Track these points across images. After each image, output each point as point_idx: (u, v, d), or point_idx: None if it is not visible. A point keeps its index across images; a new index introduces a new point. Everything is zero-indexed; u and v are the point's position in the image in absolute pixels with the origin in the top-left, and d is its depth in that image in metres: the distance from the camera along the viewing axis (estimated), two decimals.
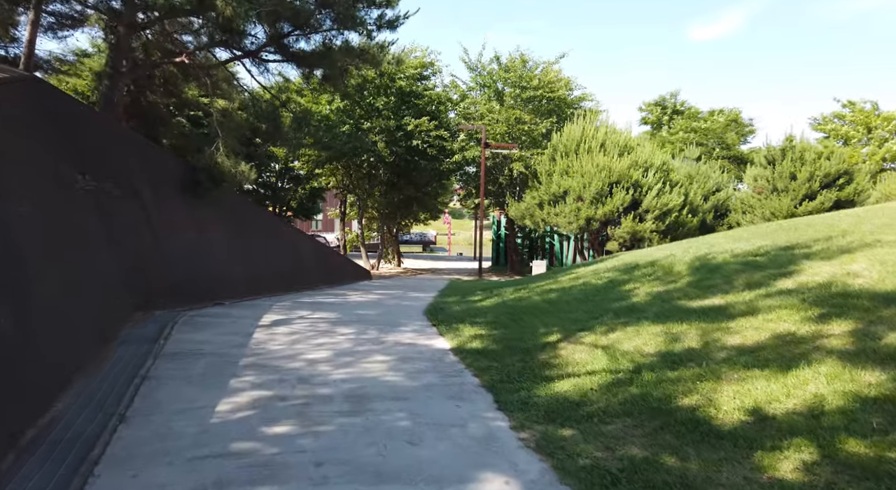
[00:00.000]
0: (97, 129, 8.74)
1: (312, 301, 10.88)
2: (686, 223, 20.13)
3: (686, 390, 4.14)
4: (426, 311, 9.14)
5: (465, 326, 7.53)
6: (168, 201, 10.09)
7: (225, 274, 11.20)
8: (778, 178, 21.21)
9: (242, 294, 11.41)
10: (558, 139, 22.19)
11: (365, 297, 11.97)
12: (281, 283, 13.32)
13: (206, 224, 11.12)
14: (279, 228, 14.51)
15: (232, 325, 7.67)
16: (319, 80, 14.05)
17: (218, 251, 11.22)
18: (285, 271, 13.82)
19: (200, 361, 5.76)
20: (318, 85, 14.08)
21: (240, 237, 12.21)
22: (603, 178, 19.70)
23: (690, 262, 7.88)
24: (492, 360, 5.83)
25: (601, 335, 5.87)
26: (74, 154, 7.53)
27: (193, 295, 9.88)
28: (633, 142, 21.14)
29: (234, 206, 12.30)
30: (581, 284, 9.00)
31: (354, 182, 28.55)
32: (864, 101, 42.10)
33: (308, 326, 7.78)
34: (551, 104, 24.56)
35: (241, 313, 8.78)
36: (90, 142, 8.20)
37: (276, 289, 12.90)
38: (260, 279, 12.44)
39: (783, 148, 21.61)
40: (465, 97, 24.92)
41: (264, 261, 12.99)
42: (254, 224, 12.93)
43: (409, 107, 24.73)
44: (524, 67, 23.98)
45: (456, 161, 23.88)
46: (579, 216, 19.85)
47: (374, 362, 5.93)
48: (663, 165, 20.84)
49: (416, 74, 24.21)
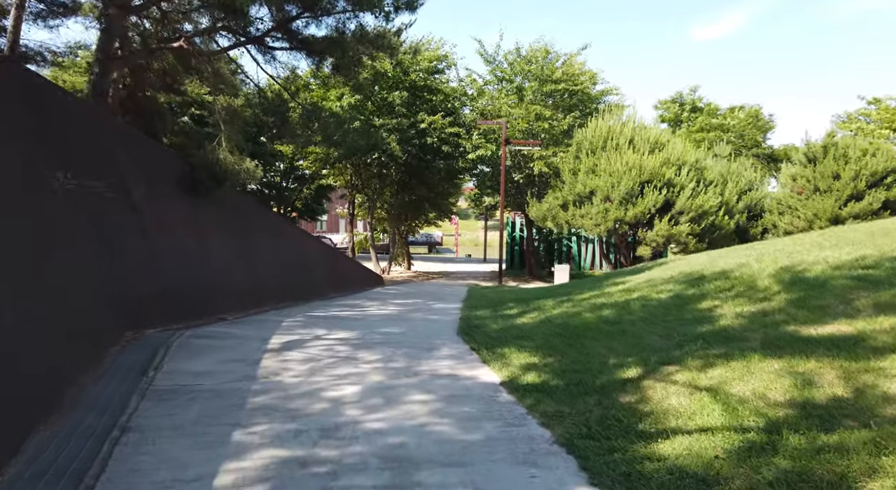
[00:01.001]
0: (84, 121, 7.69)
1: (327, 315, 9.79)
2: (723, 226, 18.97)
3: (866, 468, 3.01)
4: (460, 330, 8.03)
5: (512, 351, 6.42)
6: (165, 202, 9.03)
7: (228, 284, 10.13)
8: (820, 177, 20.00)
9: (247, 306, 10.34)
10: (583, 135, 21.06)
11: (384, 310, 10.87)
12: (290, 292, 12.25)
13: (207, 228, 10.06)
14: (287, 232, 13.45)
15: (236, 349, 6.58)
16: (330, 71, 12.98)
17: (220, 259, 10.16)
18: (294, 280, 12.76)
19: (197, 403, 4.68)
20: (329, 76, 13.03)
21: (244, 243, 11.15)
22: (633, 177, 18.56)
23: (777, 275, 6.74)
24: (559, 403, 4.71)
25: (697, 371, 4.74)
26: (56, 149, 6.47)
27: (192, 309, 8.81)
28: (662, 138, 19.98)
29: (238, 208, 11.25)
30: (639, 299, 7.87)
31: (364, 181, 27.51)
32: (889, 98, 40.77)
33: (325, 350, 6.68)
34: (574, 98, 23.42)
35: (247, 332, 7.70)
36: (76, 135, 7.14)
37: (284, 299, 11.83)
38: (266, 289, 11.37)
39: (825, 145, 20.40)
40: (483, 92, 23.80)
41: (271, 268, 11.92)
42: (259, 228, 11.87)
43: (422, 102, 23.68)
44: (546, 59, 22.85)
45: (472, 159, 22.76)
46: (607, 218, 18.71)
47: (412, 402, 4.83)
48: (696, 163, 19.66)
49: (431, 67, 23.14)
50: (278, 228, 13.06)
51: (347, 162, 24.86)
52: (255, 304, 10.66)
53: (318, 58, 12.65)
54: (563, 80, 22.26)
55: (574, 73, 22.55)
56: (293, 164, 28.13)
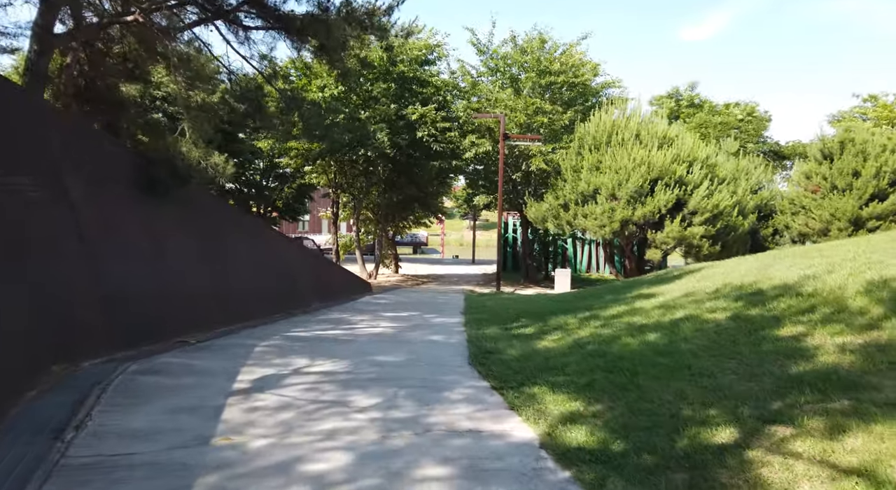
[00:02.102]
0: (13, 108, 6.27)
1: (309, 335, 8.40)
2: (738, 227, 17.86)
3: None
4: (471, 358, 6.70)
5: (545, 391, 5.11)
6: (116, 203, 7.62)
7: (192, 299, 8.71)
8: (837, 174, 18.99)
9: (216, 324, 8.93)
10: (585, 130, 19.87)
11: (376, 327, 9.50)
12: (268, 305, 10.85)
13: (168, 234, 8.63)
14: (265, 237, 12.04)
15: (192, 391, 5.20)
16: (313, 54, 11.58)
17: (184, 269, 8.73)
18: (273, 291, 11.35)
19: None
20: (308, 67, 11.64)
21: (214, 250, 9.72)
22: (642, 174, 17.39)
23: (870, 291, 5.51)
24: (634, 482, 3.40)
25: (824, 438, 3.47)
26: None
27: (146, 332, 7.39)
28: (671, 132, 18.84)
29: (207, 210, 9.83)
30: (687, 319, 6.60)
31: (349, 180, 26.09)
32: (885, 94, 40.24)
33: (307, 390, 5.32)
34: (573, 91, 22.19)
35: (210, 364, 6.30)
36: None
37: (259, 313, 10.42)
38: (240, 303, 9.96)
39: (841, 140, 19.40)
40: (476, 85, 22.48)
41: (246, 279, 10.51)
42: (232, 232, 10.45)
43: (412, 94, 22.30)
44: (542, 49, 21.58)
45: (467, 159, 21.42)
46: (613, 218, 17.50)
47: (425, 481, 3.50)
48: (707, 159, 18.55)
49: (420, 57, 21.77)
50: (255, 233, 11.65)
51: (331, 159, 23.42)
52: (225, 321, 9.25)
53: (299, 39, 11.23)
54: (562, 72, 21.02)
55: (574, 64, 21.32)
56: (273, 162, 26.64)
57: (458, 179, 31.92)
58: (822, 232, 18.98)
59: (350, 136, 13.14)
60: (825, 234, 18.91)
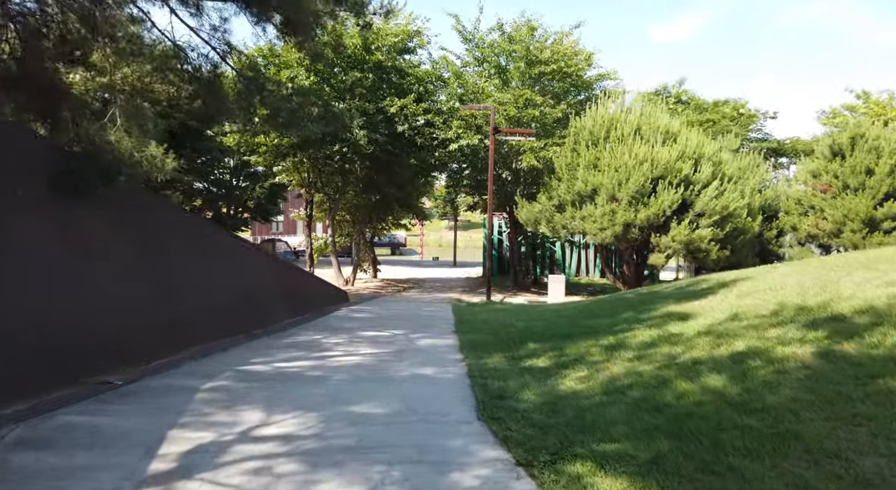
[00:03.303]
0: None
1: (269, 370, 6.81)
2: (748, 230, 16.67)
3: None
4: (480, 408, 5.19)
5: (593, 471, 3.66)
6: (18, 208, 5.97)
7: (123, 323, 7.07)
8: (849, 173, 17.92)
9: (155, 353, 7.31)
10: (581, 125, 18.53)
11: (353, 355, 7.93)
12: (222, 325, 9.21)
13: (91, 243, 6.98)
14: (221, 242, 10.38)
15: (84, 482, 3.61)
16: (279, 31, 9.97)
17: (111, 286, 7.08)
18: (229, 307, 9.70)
19: None
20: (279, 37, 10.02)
21: (153, 260, 8.07)
22: (644, 173, 16.09)
23: None
24: None
25: None
26: None
27: (56, 371, 5.77)
28: (673, 126, 17.60)
29: (145, 212, 8.17)
30: (752, 353, 5.20)
31: (323, 179, 24.41)
32: (880, 92, 39.79)
33: (256, 475, 3.77)
34: (565, 83, 20.84)
35: (127, 423, 4.71)
36: None
37: (213, 336, 8.80)
38: (187, 324, 8.32)
39: (852, 136, 18.35)
40: (461, 76, 20.99)
41: (196, 294, 8.86)
42: (179, 238, 8.80)
43: (389, 86, 20.74)
44: (532, 38, 20.18)
45: (452, 151, 19.90)
46: (615, 221, 16.17)
47: None
48: (713, 157, 17.34)
49: (399, 45, 20.21)
50: (208, 239, 9.98)
51: (303, 156, 21.74)
52: (167, 350, 7.63)
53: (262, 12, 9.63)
54: (553, 61, 19.61)
55: (566, 53, 19.96)
56: (244, 160, 24.88)
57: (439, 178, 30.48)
58: (833, 234, 17.92)
59: (322, 125, 11.69)
60: (837, 236, 17.86)
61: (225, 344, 8.63)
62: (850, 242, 17.45)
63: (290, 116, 8.79)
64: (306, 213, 26.73)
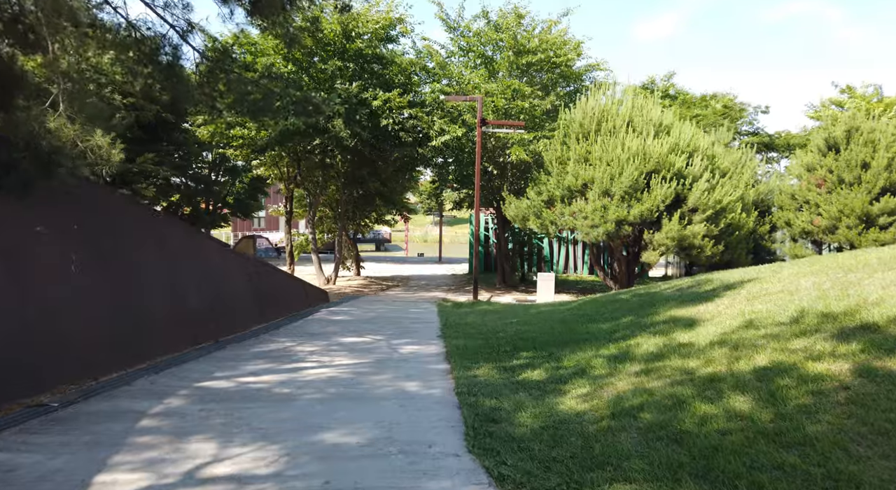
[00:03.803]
0: None
1: (231, 386, 6.09)
2: (742, 225, 16.18)
3: None
4: (466, 430, 4.51)
5: None
6: None
7: (65, 333, 6.29)
8: (845, 167, 17.50)
9: (106, 367, 6.55)
10: (571, 117, 17.91)
11: (328, 367, 7.22)
12: (186, 333, 8.46)
13: (28, 245, 6.19)
14: (186, 241, 9.58)
15: None
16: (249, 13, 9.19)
17: (53, 292, 6.30)
18: (195, 312, 8.94)
19: None
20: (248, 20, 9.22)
21: (108, 261, 7.29)
22: (637, 166, 15.51)
23: None
24: None
25: None
26: None
27: None
28: (666, 119, 17.04)
29: (96, 209, 7.37)
30: (777, 369, 4.60)
31: (304, 174, 23.59)
32: (865, 86, 39.77)
33: None
34: (554, 74, 20.18)
35: (52, 461, 3.97)
36: None
37: (176, 344, 8.05)
38: (144, 332, 7.55)
39: (847, 129, 17.92)
40: (446, 66, 20.23)
41: (155, 299, 8.08)
42: (136, 237, 8.00)
43: (372, 76, 19.95)
44: (519, 26, 19.48)
45: (435, 146, 19.17)
46: (607, 217, 15.59)
47: None
48: (706, 150, 16.82)
49: (381, 32, 19.41)
50: (171, 238, 9.18)
51: (282, 150, 20.90)
52: (123, 362, 6.87)
53: None
54: (541, 50, 18.93)
55: (554, 42, 19.29)
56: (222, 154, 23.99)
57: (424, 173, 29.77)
58: (828, 230, 17.52)
59: (300, 113, 10.89)
60: (832, 232, 17.45)
61: (189, 354, 7.88)
62: (846, 239, 17.06)
63: (261, 102, 8.02)
64: (286, 208, 25.87)
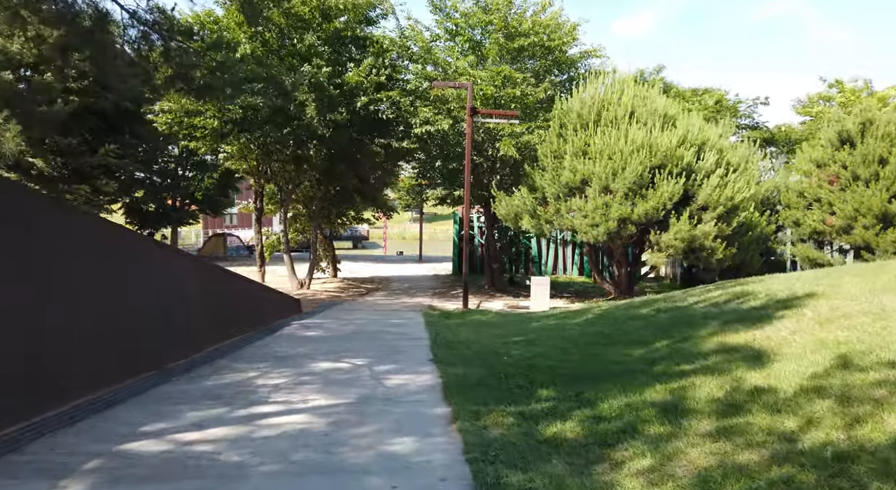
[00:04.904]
0: None
1: (159, 454, 4.53)
2: (756, 225, 14.99)
3: None
4: None
5: None
6: None
7: None
8: (860, 162, 16.42)
9: (10, 412, 4.95)
10: (568, 107, 16.58)
11: (297, 412, 5.68)
12: (120, 362, 6.85)
13: None
14: (125, 248, 7.92)
15: None
16: None
17: None
18: (132, 335, 7.31)
19: None
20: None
21: (13, 279, 5.66)
22: (642, 161, 14.21)
23: None
24: None
25: None
26: None
27: None
28: (672, 109, 15.79)
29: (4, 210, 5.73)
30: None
31: (275, 168, 21.87)
32: (854, 80, 39.29)
33: None
34: (547, 60, 18.79)
35: None
36: None
37: (104, 378, 6.44)
38: (60, 367, 5.93)
39: (862, 122, 16.87)
40: (431, 51, 18.71)
41: (79, 321, 6.45)
42: (59, 245, 6.37)
43: (350, 59, 18.37)
44: (510, 7, 18.03)
45: (418, 133, 17.61)
46: (609, 216, 14.28)
47: None
48: (715, 144, 15.61)
49: (362, 9, 17.81)
50: (106, 243, 7.53)
51: (250, 141, 19.17)
52: (24, 410, 5.27)
53: None
54: (533, 33, 17.51)
55: (547, 25, 17.90)
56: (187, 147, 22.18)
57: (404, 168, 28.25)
58: (843, 230, 16.45)
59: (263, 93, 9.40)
60: (847, 233, 16.39)
61: (120, 394, 6.29)
62: (862, 240, 16.00)
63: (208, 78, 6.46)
64: (256, 206, 24.12)
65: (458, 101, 17.37)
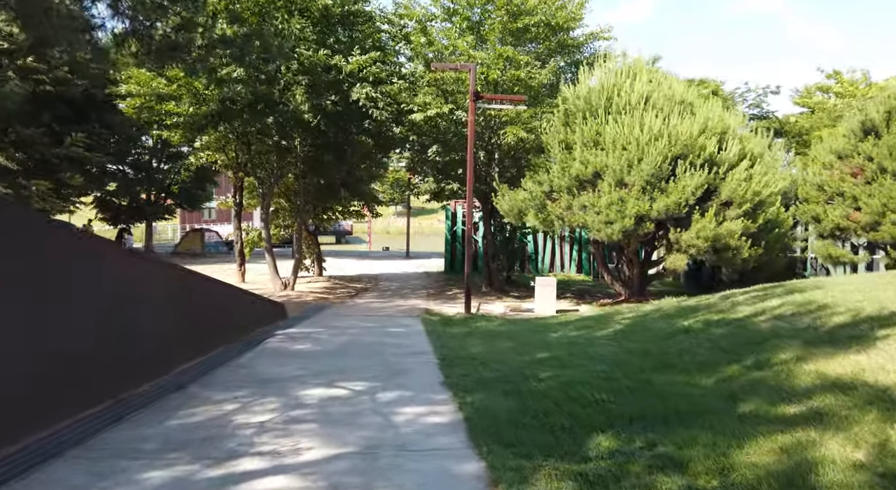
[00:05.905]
0: None
1: None
2: (781, 221, 13.91)
3: None
4: None
5: None
6: None
7: None
8: (887, 154, 15.42)
9: None
10: (575, 93, 15.35)
11: (285, 472, 4.40)
12: (66, 395, 5.50)
13: None
14: (73, 255, 6.52)
15: None
16: None
17: None
18: (82, 359, 5.94)
19: None
20: None
21: None
22: (661, 151, 13.04)
23: None
24: None
25: None
26: None
27: None
28: (690, 96, 14.65)
29: None
30: None
31: (255, 160, 20.40)
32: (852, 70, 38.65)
33: None
34: (552, 42, 17.52)
35: None
36: None
37: (44, 418, 5.11)
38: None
39: (889, 109, 15.86)
40: (427, 31, 17.35)
41: (10, 346, 5.08)
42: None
43: (338, 42, 16.98)
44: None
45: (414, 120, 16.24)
46: (625, 212, 13.09)
47: None
48: (736, 133, 14.50)
49: None
50: (48, 247, 6.14)
51: (228, 129, 17.69)
52: None
53: None
54: (538, 10, 16.20)
55: (553, 2, 16.60)
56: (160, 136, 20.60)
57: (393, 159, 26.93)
58: (870, 226, 15.46)
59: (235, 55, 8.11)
60: (874, 229, 15.39)
61: (56, 439, 4.95)
62: (891, 236, 15.02)
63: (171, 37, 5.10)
64: (235, 200, 22.62)
65: (458, 86, 16.06)
